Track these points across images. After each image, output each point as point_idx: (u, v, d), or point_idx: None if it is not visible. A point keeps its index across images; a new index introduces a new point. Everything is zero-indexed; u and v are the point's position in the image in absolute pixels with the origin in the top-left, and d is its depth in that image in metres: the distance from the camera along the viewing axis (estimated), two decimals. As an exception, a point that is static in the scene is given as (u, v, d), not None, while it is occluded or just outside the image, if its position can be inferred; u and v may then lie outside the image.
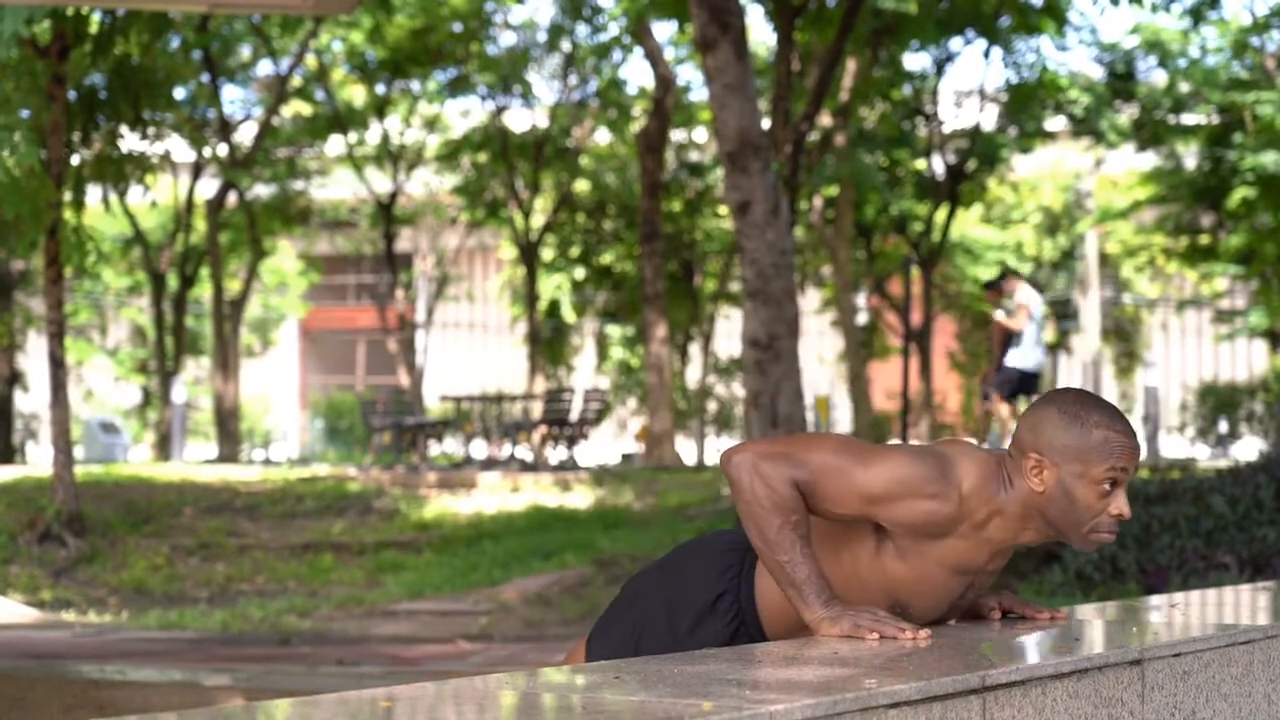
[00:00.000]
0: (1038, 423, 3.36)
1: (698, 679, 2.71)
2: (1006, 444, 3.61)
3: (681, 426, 32.36)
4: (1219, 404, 30.39)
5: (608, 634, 3.68)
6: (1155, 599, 4.37)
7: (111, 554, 15.17)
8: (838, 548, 3.43)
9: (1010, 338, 15.74)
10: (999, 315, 15.91)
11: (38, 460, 29.79)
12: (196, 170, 30.02)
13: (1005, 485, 3.36)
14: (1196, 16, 22.79)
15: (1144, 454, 26.15)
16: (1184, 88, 27.21)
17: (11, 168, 13.71)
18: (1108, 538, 3.36)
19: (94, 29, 15.02)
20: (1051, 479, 3.32)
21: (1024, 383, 15.71)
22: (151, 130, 16.56)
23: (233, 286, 32.28)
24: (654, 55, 24.90)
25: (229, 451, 28.43)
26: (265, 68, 30.99)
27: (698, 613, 3.56)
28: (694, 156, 31.84)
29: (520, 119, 31.60)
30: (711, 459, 30.16)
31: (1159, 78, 28.22)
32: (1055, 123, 29.43)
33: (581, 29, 29.41)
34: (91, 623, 11.64)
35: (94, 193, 16.84)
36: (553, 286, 33.02)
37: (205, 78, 28.20)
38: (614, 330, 34.65)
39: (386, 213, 31.52)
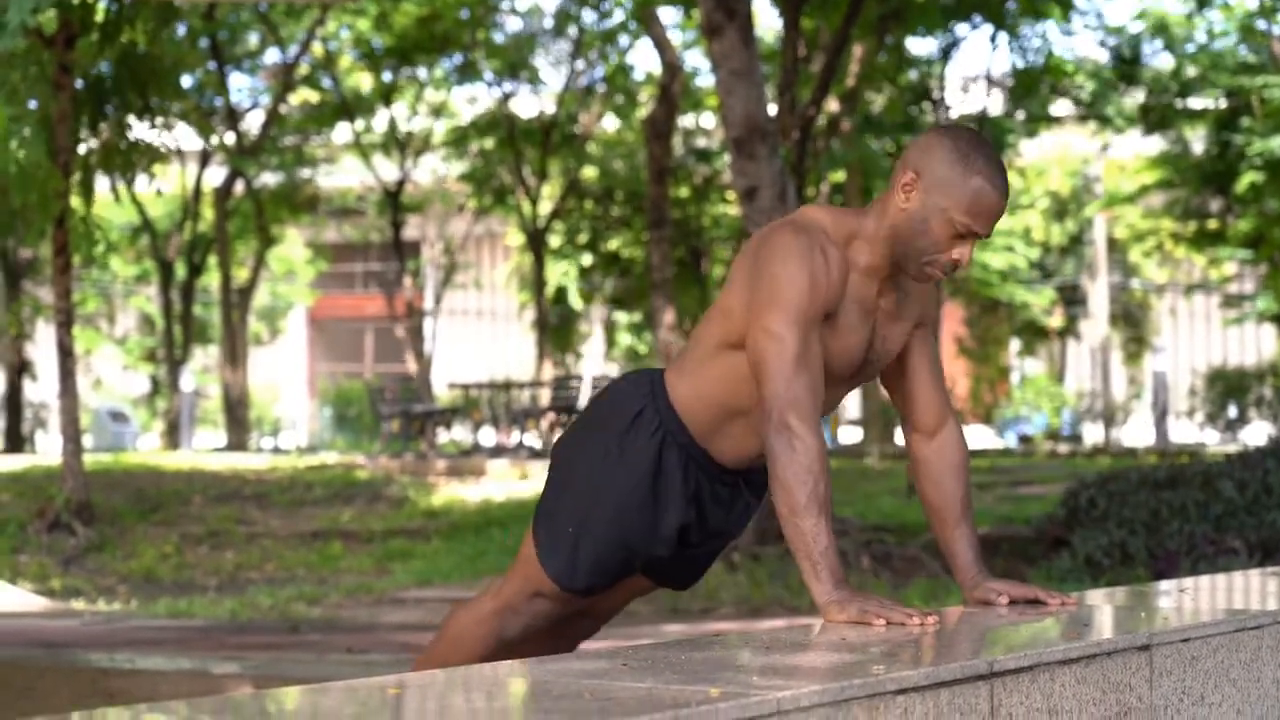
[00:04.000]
0: (930, 146, 3.47)
1: (705, 665, 2.71)
2: None
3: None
4: (1228, 389, 30.37)
5: (545, 503, 3.81)
6: (1164, 584, 4.37)
7: (120, 542, 15.20)
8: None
9: None
10: None
11: (47, 449, 29.84)
12: (204, 158, 30.05)
13: (874, 215, 3.51)
14: (1201, 1, 22.73)
15: (1153, 439, 25.99)
16: (1191, 72, 27.18)
17: (20, 159, 13.72)
18: (938, 275, 3.49)
19: (100, 18, 15.02)
20: (917, 202, 3.45)
21: None
22: (159, 119, 16.56)
23: (240, 275, 32.31)
24: (660, 41, 24.86)
25: (238, 440, 28.47)
26: (272, 55, 31.02)
27: (620, 435, 3.67)
28: (701, 142, 31.82)
29: (527, 105, 31.59)
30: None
31: (1165, 62, 28.18)
32: (1062, 107, 29.39)
33: (588, 15, 29.39)
34: (100, 611, 11.66)
35: (102, 181, 16.83)
36: (560, 273, 33.03)
37: (212, 66, 28.22)
38: (622, 317, 34.66)
39: (394, 200, 31.53)
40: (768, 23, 28.33)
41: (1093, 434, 32.11)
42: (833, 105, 25.01)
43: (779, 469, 3.33)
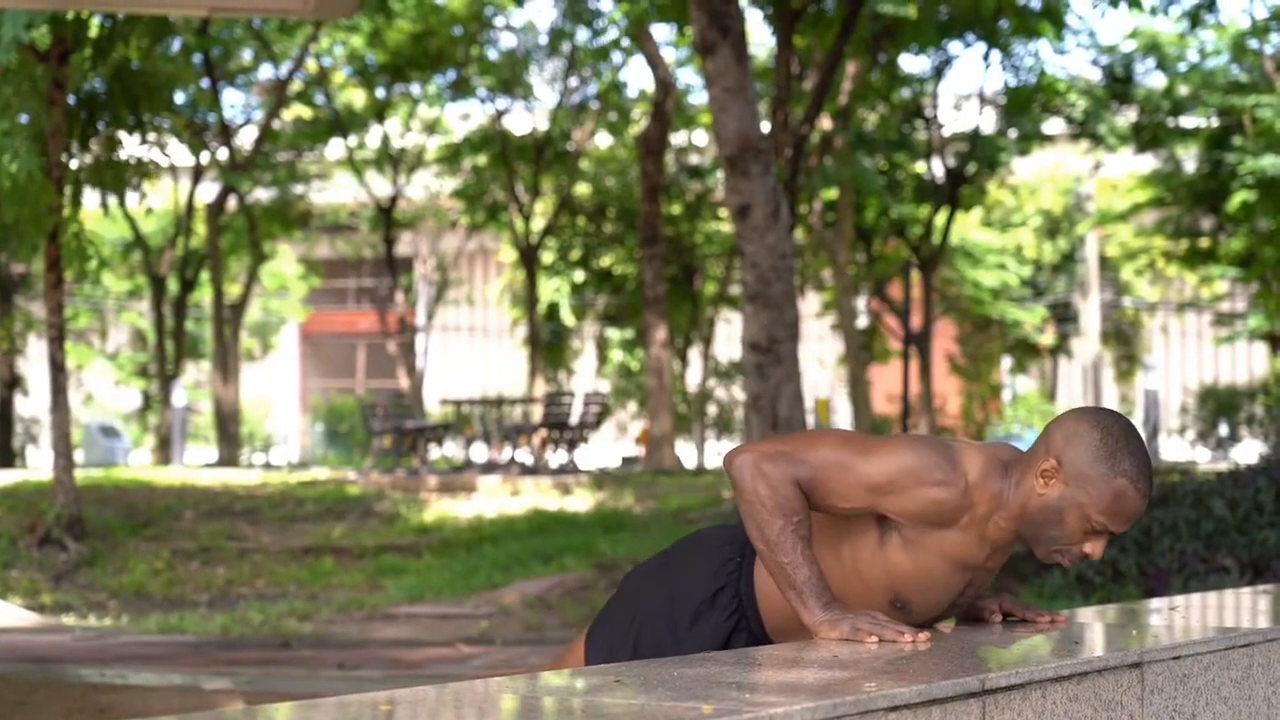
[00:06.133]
0: (1075, 435, 3.30)
1: (698, 682, 2.71)
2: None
3: (682, 430, 32.37)
4: (1219, 407, 30.41)
5: (606, 630, 3.68)
6: (1155, 602, 4.36)
7: (112, 558, 15.18)
8: (838, 543, 3.42)
9: None
10: None
11: (38, 464, 29.79)
12: (197, 174, 30.04)
13: (1011, 484, 3.34)
14: (1194, 20, 22.80)
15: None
16: (1183, 91, 27.25)
17: (13, 173, 13.72)
18: (1066, 564, 3.36)
19: (94, 33, 15.02)
20: (1055, 492, 3.29)
21: None
22: (151, 135, 16.55)
23: (233, 290, 32.29)
24: (654, 58, 24.90)
25: (229, 455, 28.43)
26: (265, 72, 31.03)
27: (697, 607, 3.56)
28: (694, 160, 31.85)
29: (520, 122, 31.63)
30: (712, 462, 30.16)
31: (1158, 81, 28.26)
32: (1054, 126, 29.46)
33: (582, 32, 29.43)
34: (92, 626, 11.64)
35: (92, 197, 16.83)
36: (552, 290, 33.04)
37: (205, 82, 28.22)
38: (614, 333, 34.67)
39: (386, 216, 31.53)
40: (761, 40, 28.39)
41: (1084, 452, 32.06)
42: (826, 123, 25.04)
43: (744, 505, 3.32)
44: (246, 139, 30.58)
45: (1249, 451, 27.42)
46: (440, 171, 33.01)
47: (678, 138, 30.47)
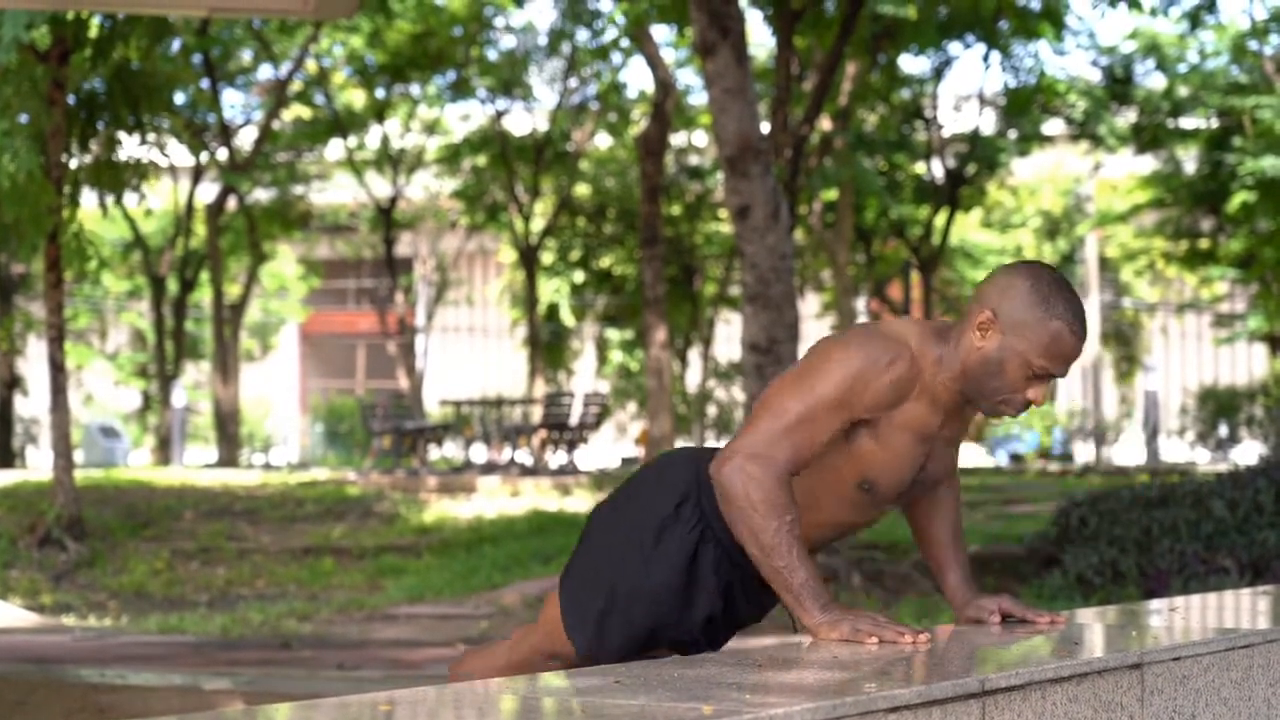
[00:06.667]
0: (1009, 286, 3.40)
1: (698, 682, 2.71)
2: None
3: (681, 431, 32.37)
4: (1219, 408, 30.40)
5: (576, 570, 3.73)
6: (1155, 603, 4.37)
7: (111, 558, 15.18)
8: None
9: None
10: None
11: (38, 464, 29.79)
12: (196, 174, 30.05)
13: (950, 344, 3.43)
14: (1194, 21, 22.81)
15: (1144, 458, 25.83)
16: (1183, 92, 27.26)
17: (13, 173, 13.72)
18: (1011, 413, 3.45)
19: (94, 33, 15.02)
20: (994, 343, 3.38)
21: None
22: (151, 135, 16.56)
23: (233, 291, 32.29)
24: (654, 59, 24.90)
25: (229, 455, 28.43)
26: (265, 72, 31.04)
27: (661, 522, 3.60)
28: (694, 160, 31.86)
29: (520, 122, 31.63)
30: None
31: (1157, 81, 28.27)
32: (1054, 126, 29.47)
33: (581, 32, 29.44)
34: (91, 627, 11.64)
35: (91, 197, 16.83)
36: (552, 290, 33.04)
37: (205, 82, 28.22)
38: (614, 334, 34.67)
39: (386, 217, 31.53)
40: (761, 41, 28.39)
41: (1084, 453, 32.12)
42: (825, 123, 25.04)
43: (736, 512, 3.33)
44: (246, 139, 30.58)
45: (1249, 452, 27.42)
46: (440, 172, 33.01)
47: (678, 138, 30.47)
